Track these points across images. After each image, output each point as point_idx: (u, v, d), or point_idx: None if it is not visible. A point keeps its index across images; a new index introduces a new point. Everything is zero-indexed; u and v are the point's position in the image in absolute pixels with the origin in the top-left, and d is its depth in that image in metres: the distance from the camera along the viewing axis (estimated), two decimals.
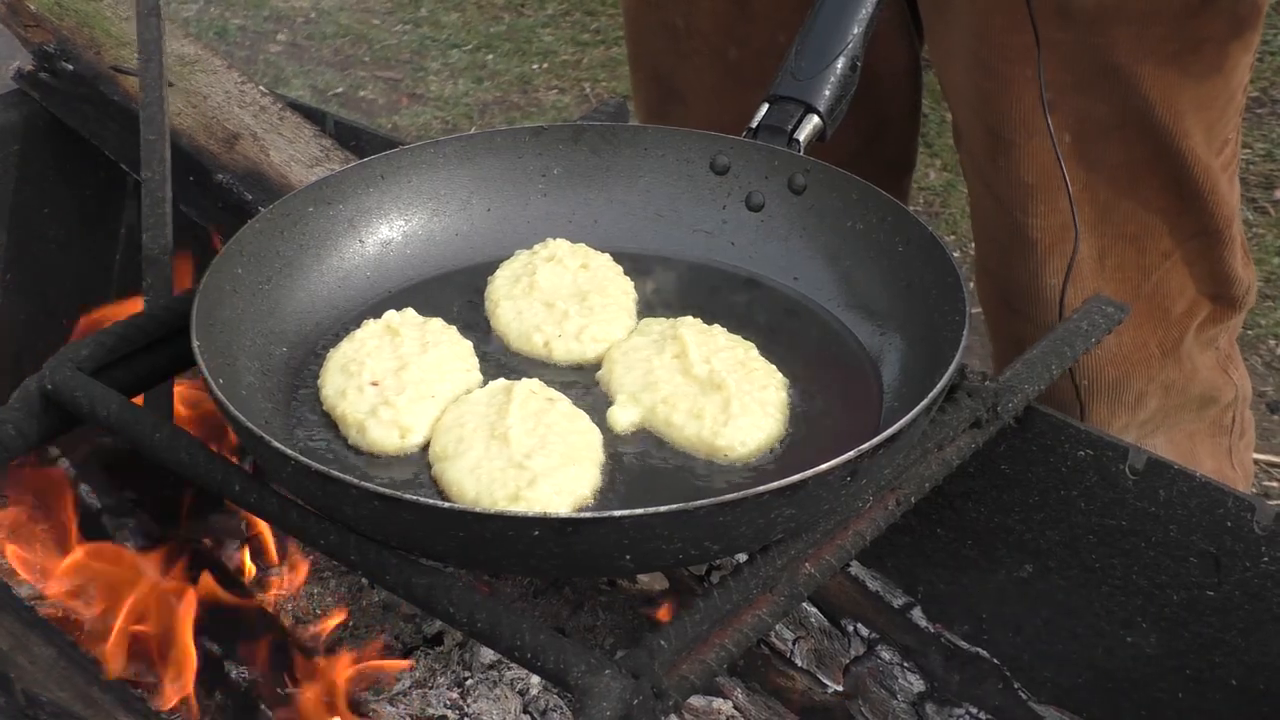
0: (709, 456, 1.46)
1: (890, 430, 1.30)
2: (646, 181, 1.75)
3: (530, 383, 1.49)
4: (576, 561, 1.34)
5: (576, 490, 1.39)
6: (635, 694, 1.23)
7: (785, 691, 1.76)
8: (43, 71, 2.04)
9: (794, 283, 1.68)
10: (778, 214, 1.70)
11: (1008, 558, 1.74)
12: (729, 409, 1.46)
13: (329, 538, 1.34)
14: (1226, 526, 1.58)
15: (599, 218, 1.75)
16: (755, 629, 1.35)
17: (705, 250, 1.72)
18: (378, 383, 1.49)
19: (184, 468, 1.43)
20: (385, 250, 1.69)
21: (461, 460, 1.41)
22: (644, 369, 1.53)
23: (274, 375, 1.54)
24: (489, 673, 1.78)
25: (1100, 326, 1.69)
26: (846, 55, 1.70)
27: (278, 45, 5.03)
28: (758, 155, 1.71)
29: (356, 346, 1.54)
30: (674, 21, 2.28)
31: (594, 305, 1.61)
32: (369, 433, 1.46)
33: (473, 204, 1.73)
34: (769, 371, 1.53)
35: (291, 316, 1.59)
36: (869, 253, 1.63)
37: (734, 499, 1.25)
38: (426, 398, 1.48)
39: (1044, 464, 1.68)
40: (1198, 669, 1.65)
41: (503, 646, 1.28)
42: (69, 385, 1.48)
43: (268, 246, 1.60)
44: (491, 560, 1.39)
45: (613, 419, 1.49)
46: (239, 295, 1.54)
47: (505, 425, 1.42)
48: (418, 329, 1.56)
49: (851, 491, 1.34)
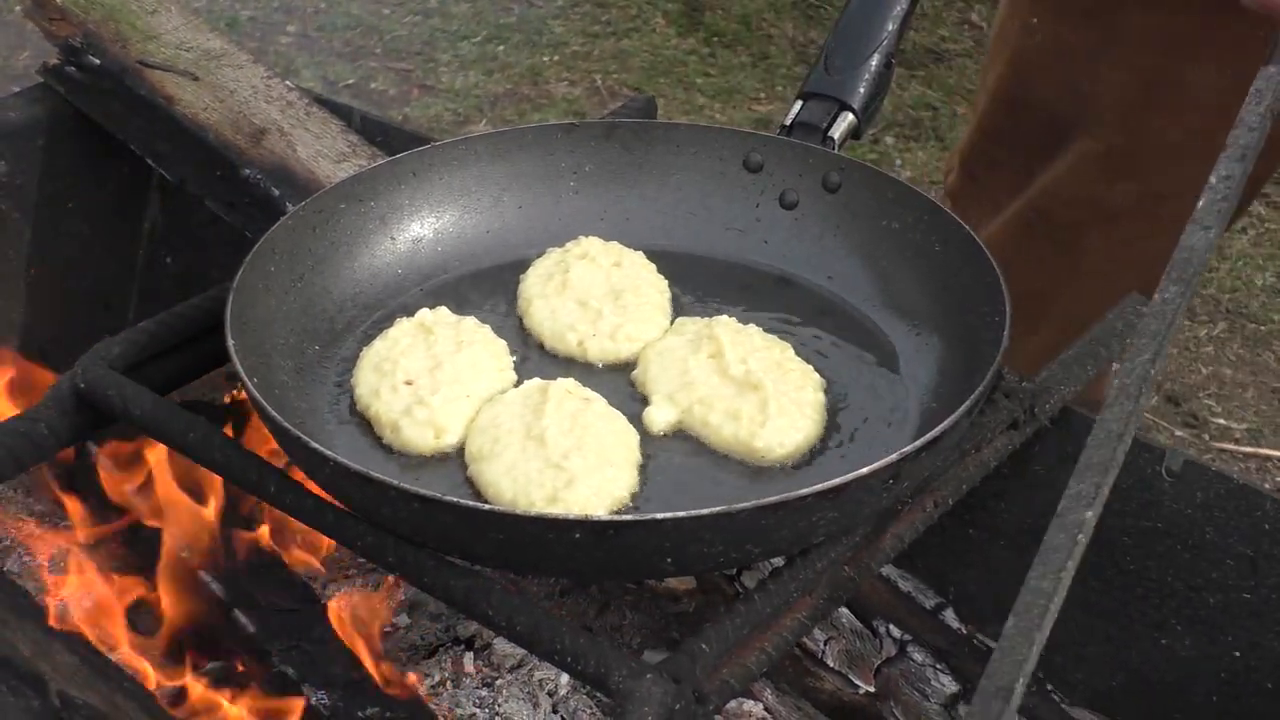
0: (746, 458, 1.45)
1: (934, 432, 1.29)
2: (679, 179, 1.74)
3: (566, 382, 1.48)
4: (616, 564, 1.34)
5: (614, 492, 1.38)
6: (677, 698, 1.22)
7: (816, 692, 1.75)
8: (68, 65, 2.03)
9: (828, 281, 1.67)
10: (811, 212, 1.69)
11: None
12: (766, 410, 1.45)
13: (366, 539, 1.34)
14: (1264, 529, 1.57)
15: (631, 215, 1.74)
16: (794, 632, 1.35)
17: (738, 248, 1.71)
18: (411, 382, 1.48)
19: (218, 467, 1.43)
20: (416, 247, 1.68)
21: (498, 461, 1.40)
22: (679, 369, 1.52)
23: (308, 373, 1.53)
24: (517, 672, 1.77)
25: (1135, 326, 1.67)
26: (881, 52, 1.69)
27: (288, 36, 5.01)
28: (791, 153, 1.70)
29: (390, 345, 1.52)
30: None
31: (628, 304, 1.60)
32: (403, 432, 1.45)
33: (504, 201, 1.72)
34: (805, 372, 1.52)
35: (323, 314, 1.59)
36: (905, 253, 1.62)
37: (777, 501, 1.23)
38: (461, 398, 1.47)
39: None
40: (1233, 672, 1.64)
41: (542, 650, 1.27)
42: (102, 383, 1.47)
43: (300, 244, 1.59)
44: (530, 562, 1.38)
45: (649, 419, 1.49)
46: (272, 293, 1.53)
47: (541, 426, 1.41)
48: (452, 328, 1.55)
49: (894, 494, 1.33)
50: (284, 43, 4.97)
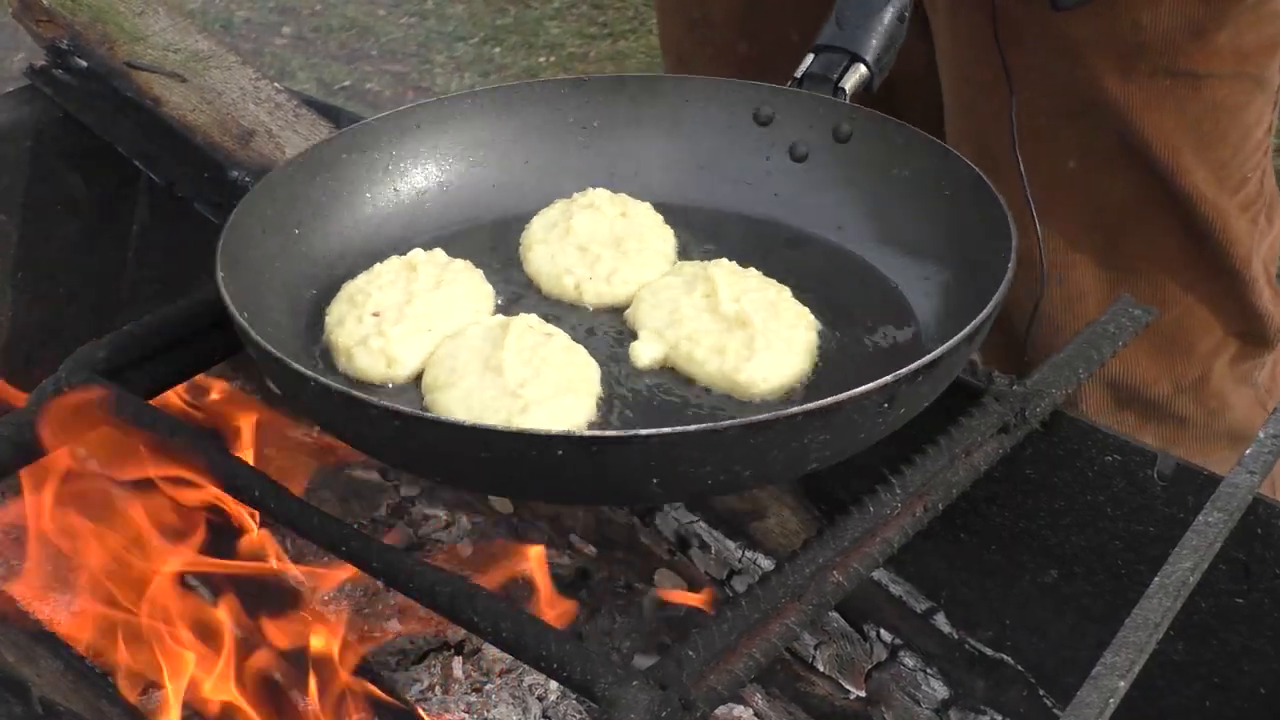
0: (730, 392, 1.44)
1: (931, 355, 1.28)
2: (688, 132, 1.72)
3: (528, 318, 1.47)
4: (603, 486, 1.31)
5: (570, 420, 1.37)
6: (663, 705, 1.21)
7: (806, 697, 1.74)
8: (55, 67, 2.02)
9: (838, 233, 1.65)
10: (822, 164, 1.68)
11: (1032, 563, 1.71)
12: (753, 345, 1.44)
13: (351, 544, 1.33)
14: (1256, 533, 1.56)
15: (640, 169, 1.72)
16: (783, 638, 1.33)
17: (748, 202, 1.70)
18: (379, 314, 1.47)
19: (204, 472, 1.42)
20: (420, 199, 1.67)
21: (453, 390, 1.39)
22: (671, 306, 1.51)
23: (302, 316, 1.52)
24: (507, 677, 1.76)
25: (1127, 329, 1.67)
26: (894, 6, 1.65)
27: (283, 38, 5.01)
28: (801, 105, 1.68)
29: (370, 279, 1.52)
30: (691, 12, 2.26)
31: (629, 250, 1.59)
32: (356, 360, 1.44)
33: (511, 155, 1.71)
34: (800, 313, 1.51)
35: (323, 260, 1.58)
36: (915, 200, 1.60)
37: (766, 419, 1.22)
38: (422, 331, 1.46)
39: (1070, 469, 1.66)
40: (1225, 677, 1.63)
41: (528, 656, 1.26)
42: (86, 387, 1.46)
43: (299, 192, 1.58)
44: (514, 483, 1.37)
45: (635, 353, 1.48)
46: (269, 236, 1.52)
47: (500, 357, 1.41)
48: (438, 267, 1.54)
49: (889, 420, 1.31)
50: (279, 44, 4.97)
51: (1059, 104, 1.91)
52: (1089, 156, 1.94)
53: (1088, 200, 1.96)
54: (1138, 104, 1.87)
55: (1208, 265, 1.98)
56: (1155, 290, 1.98)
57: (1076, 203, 1.96)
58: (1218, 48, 1.84)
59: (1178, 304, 1.99)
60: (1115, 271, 1.99)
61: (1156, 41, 1.84)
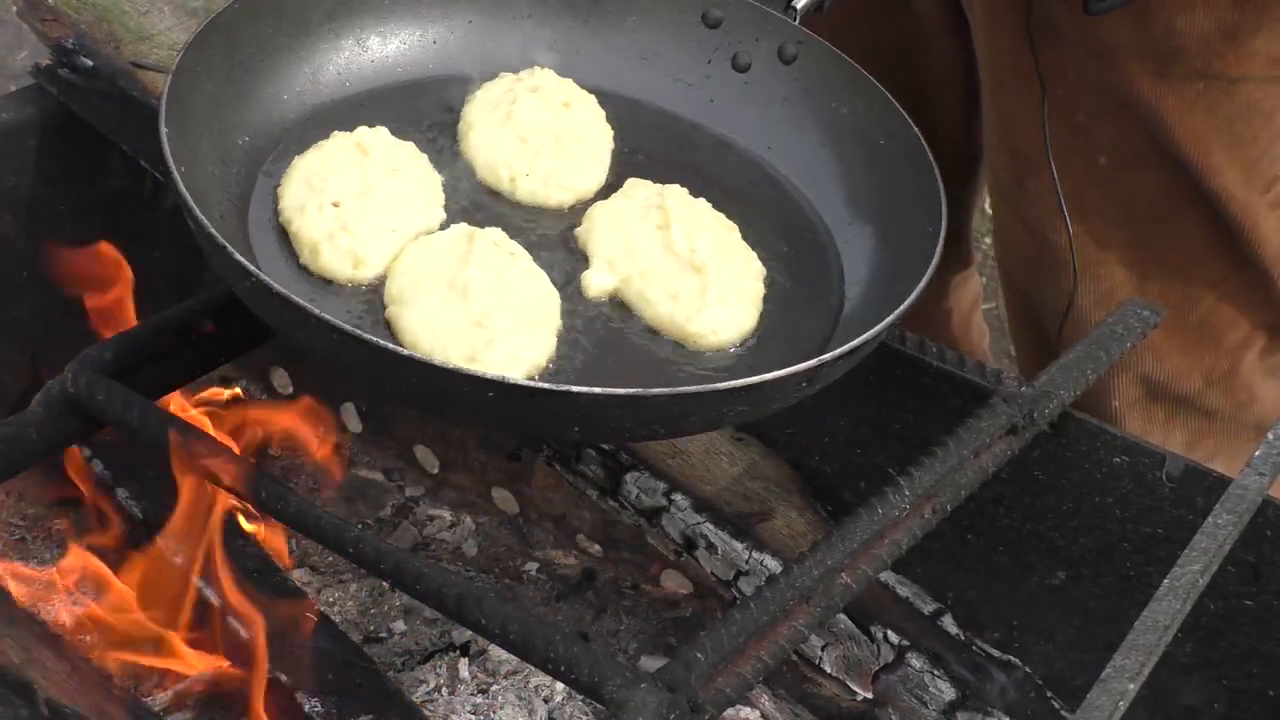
0: (678, 339, 1.46)
1: (848, 346, 1.33)
2: (635, 21, 1.73)
3: (493, 233, 1.48)
4: (526, 425, 1.43)
5: (533, 358, 1.39)
6: (671, 708, 1.21)
7: (813, 698, 1.74)
8: (61, 67, 2.01)
9: (766, 151, 1.67)
10: (762, 79, 1.69)
11: (1040, 565, 1.71)
12: (706, 295, 1.46)
13: (360, 547, 1.32)
14: (1265, 535, 1.56)
15: (581, 50, 1.72)
16: (791, 640, 1.33)
17: (683, 102, 1.71)
18: (339, 204, 1.47)
19: (209, 473, 1.41)
20: (360, 49, 1.67)
21: (418, 308, 1.40)
22: (624, 235, 1.51)
23: (234, 165, 1.51)
24: (513, 678, 1.76)
25: (1136, 330, 1.66)
26: None
27: None
28: (751, 14, 1.68)
29: (324, 160, 1.51)
30: None
31: (568, 149, 1.59)
32: (322, 257, 1.44)
33: (454, 14, 1.71)
34: (749, 259, 1.53)
35: (258, 105, 1.57)
36: (849, 139, 1.62)
37: (692, 392, 1.28)
38: (387, 231, 1.47)
39: (1078, 470, 1.66)
40: (1234, 679, 1.62)
41: (536, 659, 1.26)
42: (92, 389, 1.46)
43: (243, 29, 1.56)
44: (438, 408, 1.44)
45: (586, 282, 1.49)
46: (211, 79, 1.51)
47: (465, 277, 1.41)
48: (388, 151, 1.54)
49: (804, 395, 1.37)
50: None
51: (1092, 104, 1.92)
52: (1120, 155, 1.95)
53: (1118, 198, 1.97)
54: (1171, 106, 1.88)
55: (1237, 262, 1.98)
56: (1185, 286, 1.99)
57: (1107, 201, 1.96)
58: (1252, 52, 1.84)
59: (1207, 299, 2.00)
60: (1145, 269, 2.00)
61: (1191, 45, 1.84)
